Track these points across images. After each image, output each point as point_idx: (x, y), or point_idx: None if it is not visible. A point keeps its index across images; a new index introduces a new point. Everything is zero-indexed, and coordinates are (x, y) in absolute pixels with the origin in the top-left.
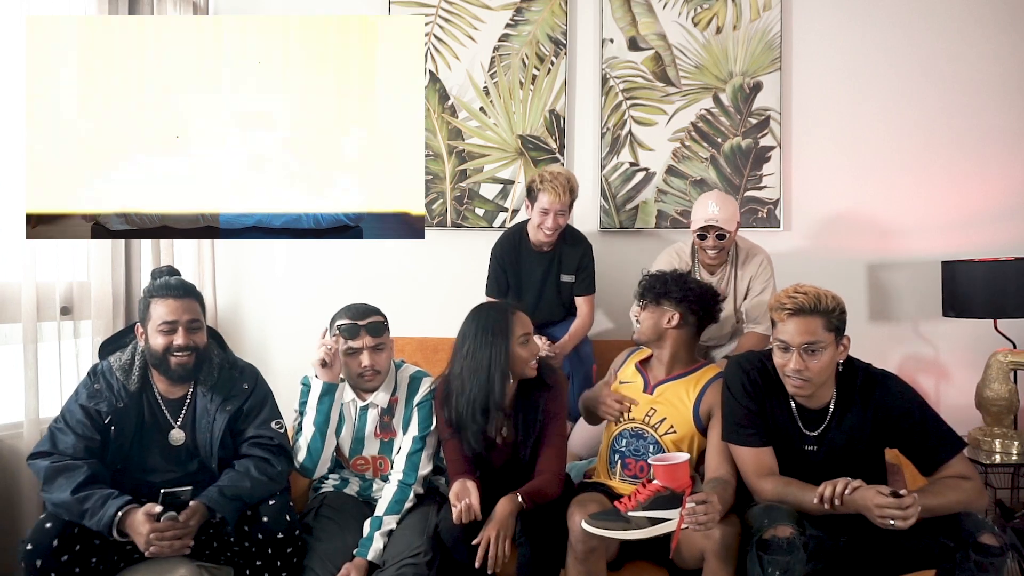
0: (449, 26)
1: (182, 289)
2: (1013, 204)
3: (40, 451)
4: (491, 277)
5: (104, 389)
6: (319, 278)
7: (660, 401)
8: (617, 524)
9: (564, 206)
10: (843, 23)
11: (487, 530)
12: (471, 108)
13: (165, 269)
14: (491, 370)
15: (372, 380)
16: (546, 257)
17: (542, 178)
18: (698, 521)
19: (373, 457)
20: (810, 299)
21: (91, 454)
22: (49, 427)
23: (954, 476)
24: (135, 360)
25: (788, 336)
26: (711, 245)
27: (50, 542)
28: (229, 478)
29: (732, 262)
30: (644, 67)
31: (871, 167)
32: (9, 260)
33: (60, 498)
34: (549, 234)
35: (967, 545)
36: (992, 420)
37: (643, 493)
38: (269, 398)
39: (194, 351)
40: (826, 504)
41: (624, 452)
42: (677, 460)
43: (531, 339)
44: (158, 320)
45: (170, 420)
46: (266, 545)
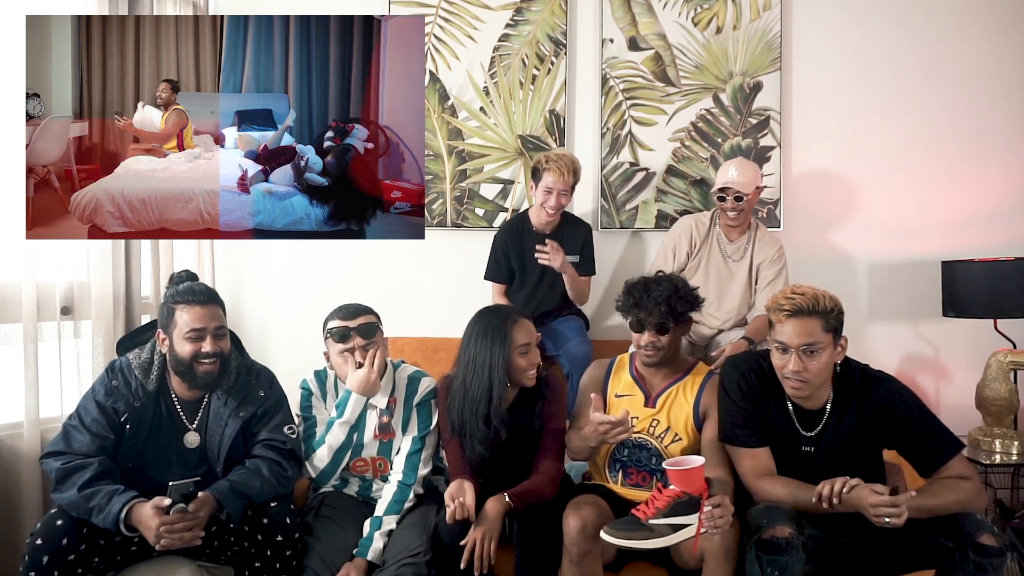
0: (449, 26)
1: (207, 295)
2: (1013, 204)
3: (53, 450)
4: (491, 261)
5: (122, 386)
6: (319, 278)
7: (662, 411)
8: (640, 533)
9: (567, 186)
10: (843, 23)
11: (473, 532)
12: (471, 108)
13: (184, 274)
14: (491, 379)
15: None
16: (550, 238)
17: (547, 158)
18: (715, 524)
19: (372, 458)
20: (808, 300)
21: (103, 452)
22: (64, 424)
23: (953, 477)
24: (154, 359)
25: (786, 337)
26: (730, 207)
27: (60, 539)
28: (240, 475)
29: (752, 234)
30: (644, 67)
31: (871, 167)
32: (9, 260)
33: (69, 497)
34: (552, 213)
35: (966, 545)
36: (992, 420)
37: (661, 499)
38: (283, 403)
39: (219, 357)
40: (824, 503)
41: (625, 461)
42: (693, 464)
43: (532, 349)
44: (185, 327)
45: (185, 423)
46: (266, 546)
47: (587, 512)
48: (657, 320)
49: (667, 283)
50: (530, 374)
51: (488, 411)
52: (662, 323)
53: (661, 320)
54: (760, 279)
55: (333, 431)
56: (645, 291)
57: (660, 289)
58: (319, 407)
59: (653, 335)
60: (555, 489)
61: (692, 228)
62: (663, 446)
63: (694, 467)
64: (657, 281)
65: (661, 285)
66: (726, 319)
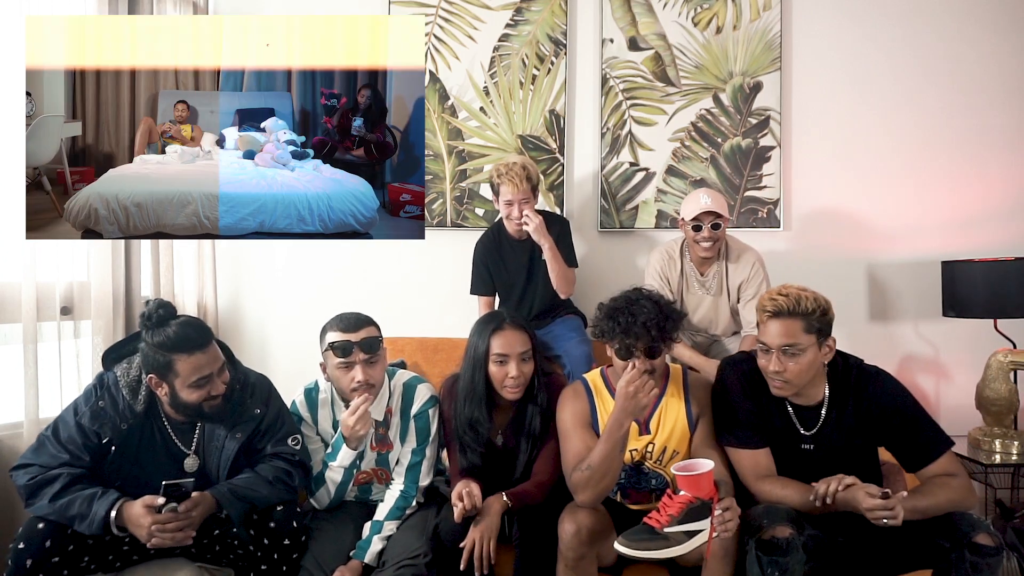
0: (449, 26)
1: (202, 336)
2: (1013, 204)
3: (22, 463)
4: (475, 275)
5: (108, 407)
6: (319, 278)
7: (657, 433)
8: (657, 543)
9: (525, 194)
10: (843, 23)
11: (472, 532)
12: (471, 108)
13: (159, 313)
14: (473, 385)
15: (365, 393)
16: (527, 244)
17: (498, 171)
18: (727, 528)
19: (373, 469)
20: (790, 302)
21: (72, 467)
22: (39, 436)
23: (942, 474)
24: (142, 379)
25: (768, 338)
26: (706, 236)
27: (42, 542)
28: (244, 479)
29: (723, 259)
30: (644, 67)
31: (871, 167)
32: (9, 260)
33: (43, 510)
34: (519, 223)
35: (963, 545)
36: (992, 420)
37: (673, 506)
38: (283, 414)
39: (226, 390)
40: (817, 502)
41: (624, 484)
42: (703, 469)
43: (512, 361)
44: (190, 377)
45: (181, 448)
46: (271, 549)
47: (582, 516)
48: (647, 344)
49: (649, 303)
50: (509, 387)
51: (470, 417)
52: (653, 347)
53: (652, 344)
54: (742, 298)
55: (332, 471)
56: (630, 316)
57: (646, 312)
58: (309, 434)
59: (644, 361)
60: (543, 495)
61: (663, 264)
62: (662, 467)
63: (704, 472)
64: (638, 302)
65: (645, 307)
66: (723, 332)
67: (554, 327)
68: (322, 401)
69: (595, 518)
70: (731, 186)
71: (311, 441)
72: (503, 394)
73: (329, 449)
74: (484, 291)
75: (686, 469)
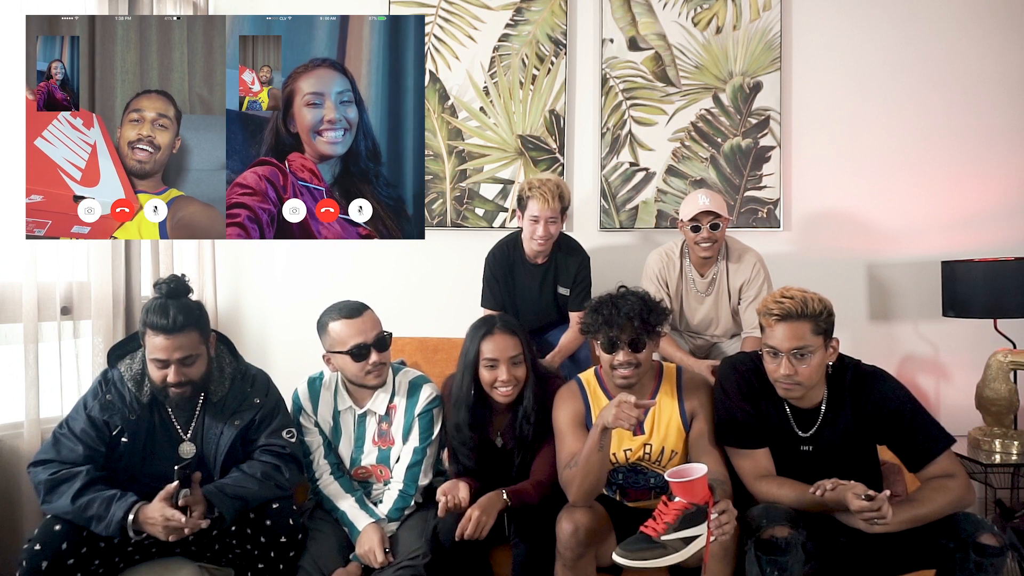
0: (449, 26)
1: (176, 323)
2: (1013, 204)
3: (41, 459)
4: (485, 289)
5: (116, 400)
6: (319, 278)
7: (653, 434)
8: (655, 552)
9: (555, 213)
10: (843, 23)
11: (471, 510)
12: (471, 108)
13: (167, 287)
14: (463, 387)
15: (379, 376)
16: (540, 269)
17: (530, 185)
18: (724, 532)
19: (373, 466)
20: (797, 304)
21: (92, 462)
22: (53, 432)
23: (940, 475)
24: (146, 370)
25: (776, 342)
26: (705, 237)
27: (59, 544)
28: (234, 478)
29: (724, 260)
30: (644, 67)
31: (871, 167)
32: (9, 260)
33: (62, 508)
34: (542, 243)
35: (966, 545)
36: (992, 420)
37: (669, 514)
38: (280, 407)
39: (189, 384)
40: (817, 493)
41: (623, 484)
42: (696, 475)
43: (501, 365)
44: (151, 354)
45: (180, 433)
46: (269, 548)
47: (580, 516)
48: (631, 336)
49: (634, 297)
50: (499, 390)
51: (459, 419)
52: (636, 339)
53: (635, 336)
54: (743, 300)
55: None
56: (614, 307)
57: (629, 304)
58: (307, 425)
59: (628, 353)
60: (540, 494)
61: (661, 267)
62: (660, 467)
63: (698, 478)
64: (623, 296)
65: (628, 300)
66: (723, 334)
67: (552, 334)
68: (325, 385)
69: (593, 517)
70: (731, 186)
71: (308, 433)
72: (494, 397)
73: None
74: (495, 307)
75: (679, 475)
